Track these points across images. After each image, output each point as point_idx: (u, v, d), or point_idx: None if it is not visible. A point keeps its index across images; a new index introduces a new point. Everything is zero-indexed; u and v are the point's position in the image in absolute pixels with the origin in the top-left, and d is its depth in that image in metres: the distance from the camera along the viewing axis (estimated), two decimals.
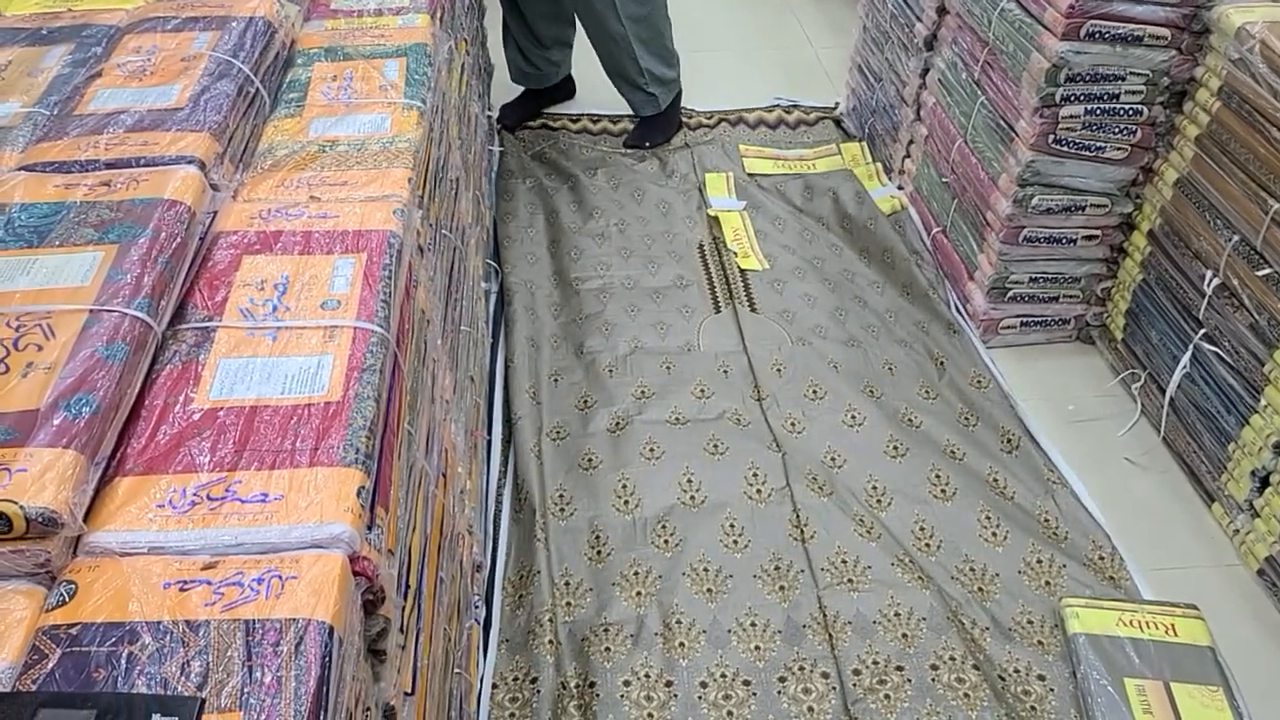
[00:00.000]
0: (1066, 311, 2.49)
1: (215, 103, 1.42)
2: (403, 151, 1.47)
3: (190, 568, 0.88)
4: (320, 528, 0.92)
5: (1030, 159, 2.24)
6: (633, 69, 3.12)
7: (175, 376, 1.06)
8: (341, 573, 0.88)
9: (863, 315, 2.57)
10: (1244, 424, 1.96)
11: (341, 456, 0.98)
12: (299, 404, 1.04)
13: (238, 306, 1.16)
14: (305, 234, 1.28)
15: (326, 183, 1.40)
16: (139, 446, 0.98)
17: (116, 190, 1.24)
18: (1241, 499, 1.98)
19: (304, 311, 1.16)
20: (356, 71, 1.67)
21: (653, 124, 3.28)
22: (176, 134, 1.34)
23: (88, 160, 1.29)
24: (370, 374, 1.09)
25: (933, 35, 2.77)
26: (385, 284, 1.21)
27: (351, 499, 0.95)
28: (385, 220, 1.31)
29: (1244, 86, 1.94)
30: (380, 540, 0.98)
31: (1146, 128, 2.20)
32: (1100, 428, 2.29)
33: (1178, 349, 2.16)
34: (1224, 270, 2.00)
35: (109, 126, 1.36)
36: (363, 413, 1.04)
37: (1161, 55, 2.10)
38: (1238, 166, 1.97)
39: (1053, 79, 2.14)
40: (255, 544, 0.91)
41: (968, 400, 2.32)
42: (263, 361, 1.09)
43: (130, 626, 0.83)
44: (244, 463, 0.97)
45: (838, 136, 3.37)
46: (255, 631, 0.83)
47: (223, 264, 1.22)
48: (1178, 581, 1.94)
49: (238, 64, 1.51)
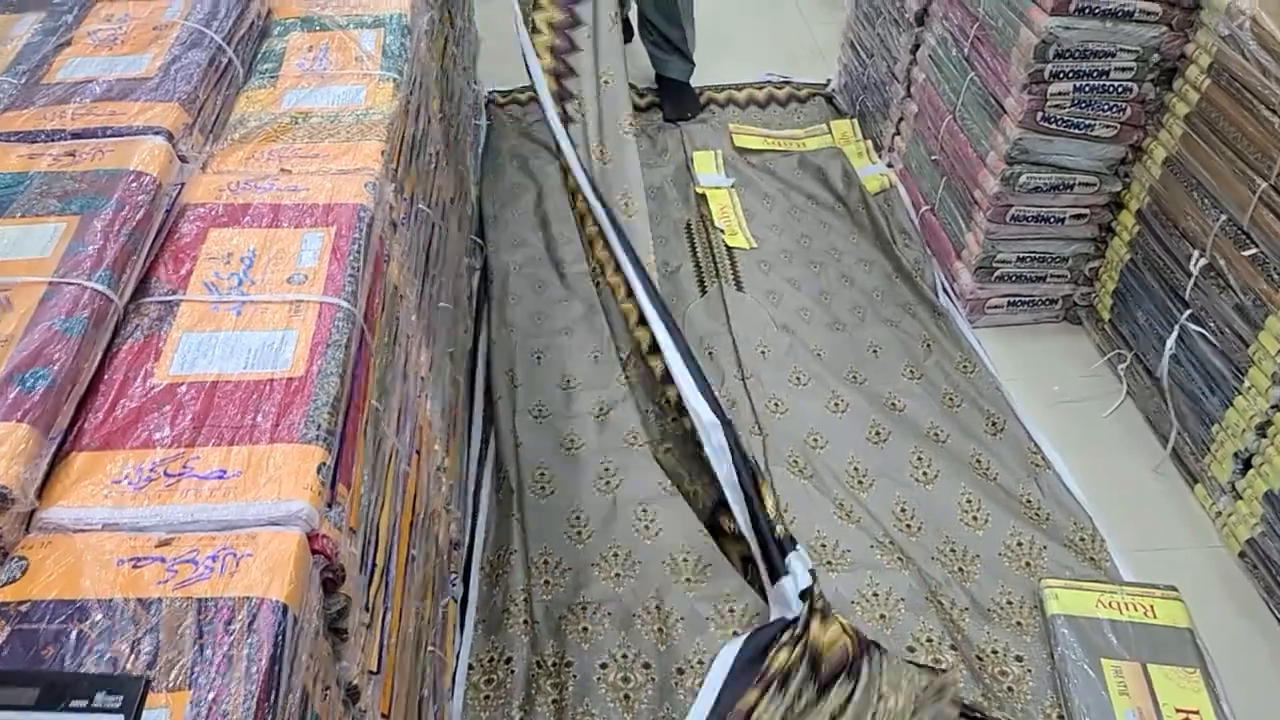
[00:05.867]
0: (1054, 291, 2.48)
1: (185, 72, 1.39)
2: (376, 124, 1.45)
3: (144, 544, 0.87)
4: (278, 505, 0.90)
5: (1019, 136, 2.22)
6: (687, 30, 3.23)
7: (136, 351, 1.04)
8: (298, 550, 0.87)
9: (849, 295, 2.55)
10: (1228, 405, 1.95)
11: (302, 433, 0.97)
12: (261, 379, 1.02)
13: (202, 280, 1.14)
14: (274, 207, 1.26)
15: (298, 155, 1.38)
16: (96, 421, 0.96)
17: (81, 161, 1.22)
18: (1224, 480, 1.97)
19: (270, 286, 1.14)
20: (333, 42, 1.65)
21: (684, 93, 3.35)
22: (145, 104, 1.32)
23: (53, 130, 1.27)
24: (335, 349, 1.07)
25: (924, 10, 2.74)
26: (354, 259, 1.19)
27: (311, 476, 0.93)
28: (356, 194, 1.29)
29: (1234, 64, 1.92)
30: (341, 518, 0.96)
31: (1136, 105, 2.17)
32: (1085, 408, 2.28)
33: (1164, 330, 2.15)
34: (1211, 250, 1.98)
35: (76, 96, 1.34)
36: (326, 389, 1.02)
37: (1152, 31, 2.08)
38: (1227, 145, 1.95)
39: (1042, 55, 2.11)
40: (211, 521, 0.89)
41: (953, 382, 2.31)
42: (226, 336, 1.07)
43: (81, 604, 0.82)
44: (203, 438, 0.96)
45: (829, 114, 3.34)
46: (207, 610, 0.82)
47: (189, 237, 1.20)
48: (1159, 563, 1.93)
49: (210, 33, 1.49)
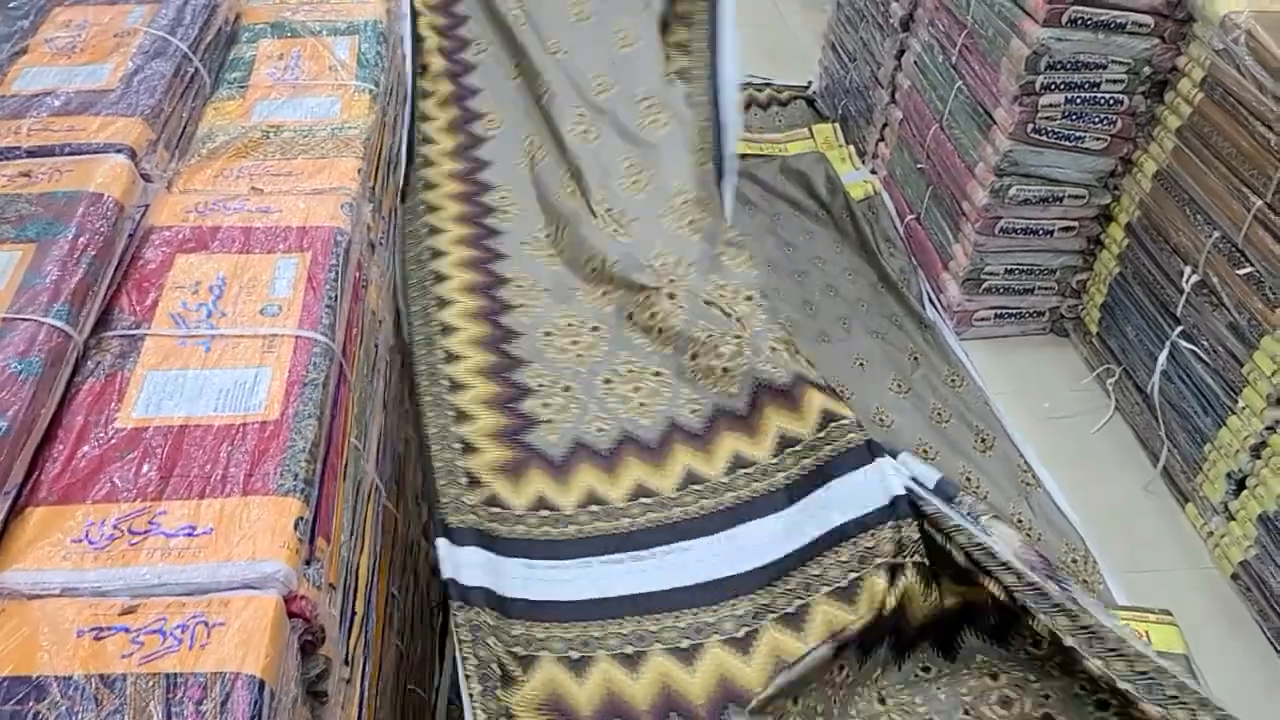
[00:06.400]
0: (1041, 304, 2.44)
1: (149, 84, 1.32)
2: (353, 139, 1.38)
3: (108, 613, 0.80)
4: (252, 565, 0.84)
5: (1009, 148, 2.18)
6: None
7: (97, 392, 0.97)
8: (275, 617, 0.80)
9: (834, 306, 2.50)
10: (1221, 424, 1.93)
11: (278, 484, 0.90)
12: (233, 423, 0.96)
13: (169, 312, 1.07)
14: (245, 230, 1.19)
15: (269, 173, 1.31)
16: (54, 472, 0.89)
17: (38, 182, 1.14)
18: (1216, 501, 1.95)
19: (241, 318, 1.07)
20: (304, 50, 1.57)
21: None
22: (106, 118, 1.24)
23: (7, 147, 1.19)
24: (312, 389, 1.00)
25: (909, 15, 2.69)
26: (330, 287, 1.13)
27: (288, 533, 0.87)
28: (332, 215, 1.22)
29: (1228, 78, 1.89)
30: (320, 575, 0.90)
31: (1127, 118, 2.14)
32: (1074, 424, 2.25)
33: (1154, 345, 2.12)
34: (1204, 267, 1.95)
35: (33, 109, 1.26)
36: (303, 433, 0.95)
37: (1144, 43, 2.04)
38: (1220, 160, 1.92)
39: (1033, 66, 2.07)
40: (180, 584, 0.83)
41: (941, 396, 2.26)
42: (194, 374, 1.00)
43: (38, 681, 0.75)
44: (170, 490, 0.89)
45: (810, 117, 3.29)
46: (177, 687, 0.75)
47: (154, 264, 1.13)
48: (1151, 585, 1.90)
49: (175, 41, 1.41)
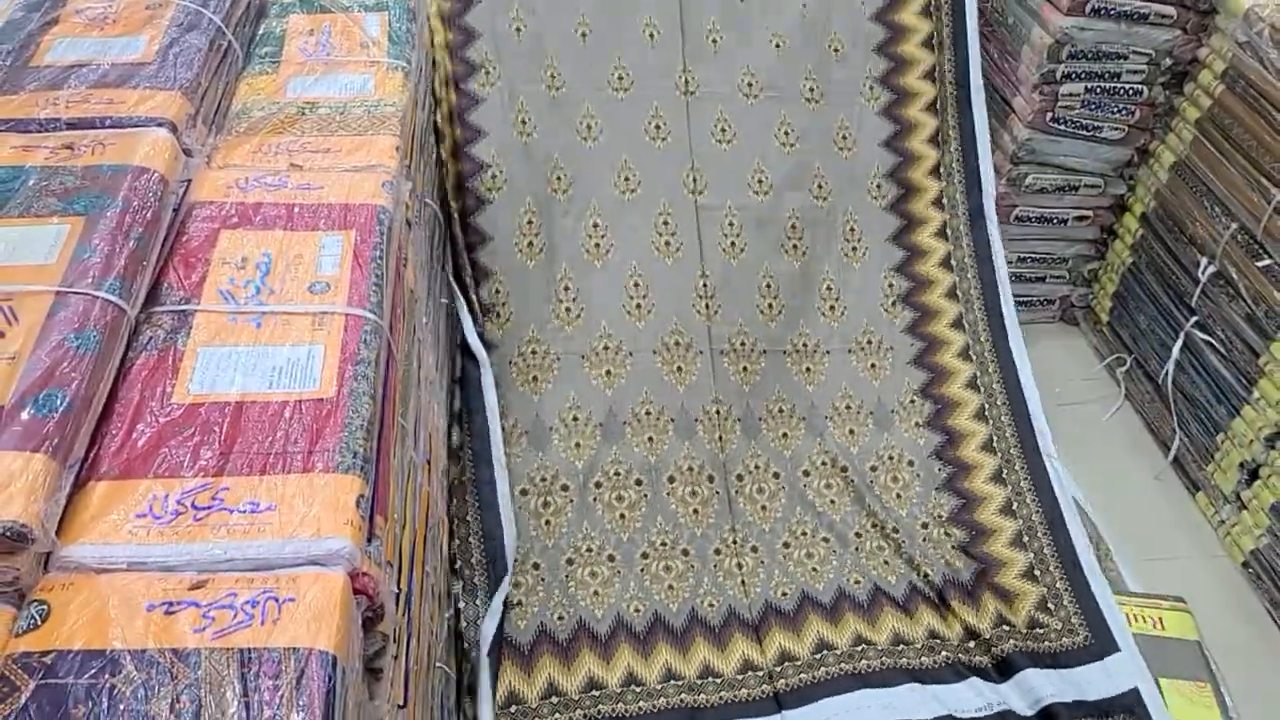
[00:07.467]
0: (1052, 292, 2.46)
1: (186, 57, 1.30)
2: (388, 117, 1.37)
3: (176, 587, 0.80)
4: (318, 542, 0.84)
5: (1027, 137, 2.18)
6: None
7: (152, 367, 0.97)
8: (343, 595, 0.81)
9: None
10: (1235, 415, 1.94)
11: (338, 461, 0.90)
12: (289, 399, 0.96)
13: (217, 288, 1.06)
14: (288, 207, 1.18)
15: (308, 149, 1.30)
16: (114, 447, 0.89)
17: (81, 155, 1.13)
18: (1228, 490, 1.97)
19: (290, 295, 1.07)
20: (335, 25, 1.56)
21: None
22: (145, 92, 1.23)
23: (47, 119, 1.18)
24: (365, 366, 1.00)
25: None
26: (376, 265, 1.12)
27: (351, 510, 0.87)
28: (374, 194, 1.21)
29: (1250, 70, 1.90)
30: (379, 553, 0.90)
31: (1145, 108, 2.15)
32: (1086, 411, 2.27)
33: (1167, 335, 2.13)
34: (1220, 258, 1.97)
35: (69, 81, 1.24)
36: (359, 411, 0.95)
37: (1166, 34, 2.05)
38: (1239, 152, 1.93)
39: (1055, 55, 2.07)
40: (246, 559, 0.83)
41: None
42: (247, 351, 1.00)
43: (112, 655, 0.75)
44: (231, 467, 0.89)
45: None
46: (251, 663, 0.75)
47: (198, 239, 1.12)
48: (1163, 572, 1.92)
49: (208, 13, 1.40)
